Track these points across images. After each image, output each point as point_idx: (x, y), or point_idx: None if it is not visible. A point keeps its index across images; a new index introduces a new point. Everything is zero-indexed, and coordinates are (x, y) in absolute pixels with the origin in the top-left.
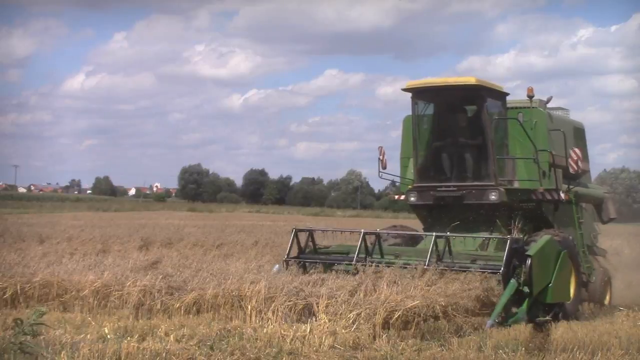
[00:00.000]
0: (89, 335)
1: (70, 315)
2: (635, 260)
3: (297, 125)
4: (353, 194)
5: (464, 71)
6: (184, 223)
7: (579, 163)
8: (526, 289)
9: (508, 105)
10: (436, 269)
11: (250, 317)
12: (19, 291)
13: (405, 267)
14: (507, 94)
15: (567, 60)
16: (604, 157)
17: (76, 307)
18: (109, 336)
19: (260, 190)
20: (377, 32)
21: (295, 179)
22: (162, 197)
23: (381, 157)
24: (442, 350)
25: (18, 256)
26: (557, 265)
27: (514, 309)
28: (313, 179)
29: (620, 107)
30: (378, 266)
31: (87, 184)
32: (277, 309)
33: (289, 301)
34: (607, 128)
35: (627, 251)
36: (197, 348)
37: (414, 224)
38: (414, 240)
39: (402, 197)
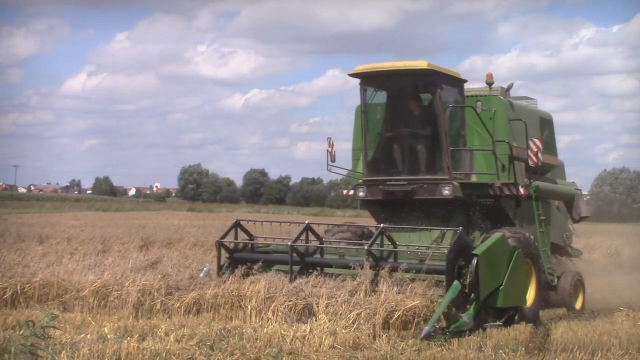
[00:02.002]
0: (89, 335)
1: (70, 315)
2: (616, 261)
3: (298, 125)
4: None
5: (465, 71)
6: (184, 223)
7: (539, 155)
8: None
9: (466, 93)
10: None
11: (250, 317)
12: (19, 291)
13: (339, 275)
14: (465, 81)
15: (568, 60)
16: (605, 157)
17: (76, 307)
18: (109, 336)
19: (260, 191)
20: (379, 32)
21: (295, 179)
22: (162, 197)
23: (330, 149)
24: (442, 350)
25: (18, 256)
26: (509, 266)
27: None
28: (313, 179)
29: (621, 107)
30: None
31: (87, 184)
32: (277, 309)
33: (289, 301)
34: (609, 128)
35: (627, 251)
36: (197, 348)
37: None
38: (368, 237)
39: (351, 192)
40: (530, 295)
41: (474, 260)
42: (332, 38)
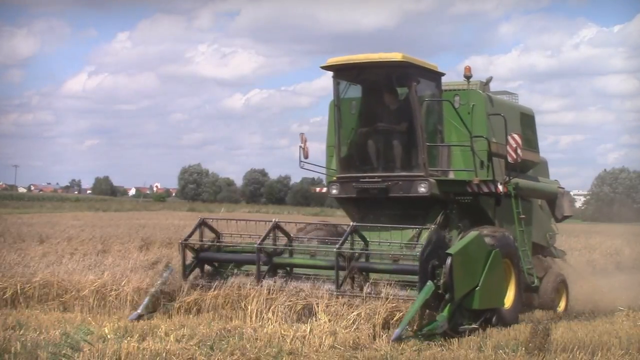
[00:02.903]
0: (89, 335)
1: (70, 315)
2: (594, 262)
3: (298, 125)
4: None
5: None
6: (184, 223)
7: (519, 151)
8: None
9: (444, 87)
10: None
11: (251, 317)
12: (19, 291)
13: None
14: (442, 74)
15: (569, 60)
16: (605, 157)
17: (76, 307)
18: (109, 336)
19: (260, 190)
20: (380, 32)
21: (295, 179)
22: (162, 197)
23: (303, 145)
24: (442, 350)
25: (18, 256)
26: (486, 267)
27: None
28: (313, 179)
29: (622, 107)
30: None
31: (87, 184)
32: (277, 309)
33: (289, 301)
34: (609, 128)
35: (627, 251)
36: (197, 348)
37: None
38: (342, 236)
39: (324, 190)
40: (510, 297)
41: (448, 260)
42: (333, 38)
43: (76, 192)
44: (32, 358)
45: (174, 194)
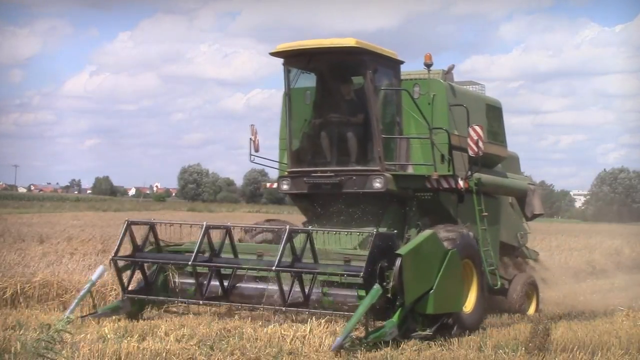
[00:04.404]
0: (89, 335)
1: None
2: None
3: None
4: None
5: (466, 71)
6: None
7: (480, 144)
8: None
9: (403, 77)
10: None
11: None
12: (19, 291)
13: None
14: (401, 62)
15: (570, 60)
16: (606, 157)
17: (76, 308)
18: (109, 336)
19: (260, 190)
20: (381, 32)
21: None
22: (162, 197)
23: (253, 137)
24: (442, 350)
25: (18, 256)
26: (441, 268)
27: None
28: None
29: (623, 107)
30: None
31: (87, 184)
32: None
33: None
34: (610, 128)
35: (627, 251)
36: (197, 348)
37: None
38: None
39: (275, 185)
40: (471, 301)
41: (398, 261)
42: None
43: (76, 192)
44: (32, 358)
45: (174, 194)
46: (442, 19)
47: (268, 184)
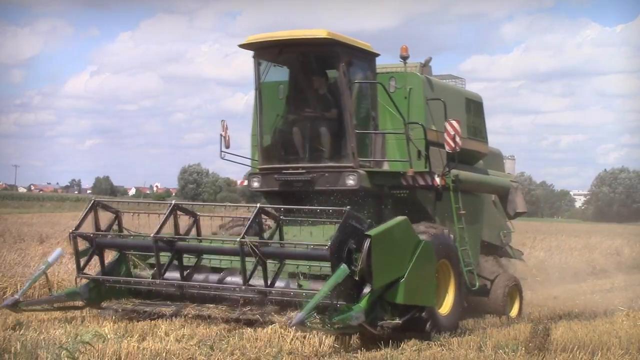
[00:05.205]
0: (95, 337)
1: (71, 315)
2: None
3: None
4: None
5: (467, 71)
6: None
7: (457, 139)
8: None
9: (379, 70)
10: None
11: None
12: (19, 291)
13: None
14: (376, 55)
15: (571, 60)
16: (606, 157)
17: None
18: (108, 336)
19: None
20: (382, 32)
21: None
22: (162, 197)
23: (224, 133)
24: (442, 350)
25: (18, 256)
26: (414, 257)
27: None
28: None
29: (623, 107)
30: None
31: (87, 184)
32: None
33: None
34: (610, 128)
35: (627, 251)
36: (197, 348)
37: None
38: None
39: (245, 182)
40: (448, 302)
41: (366, 242)
42: None
43: (76, 192)
44: (32, 358)
45: (174, 194)
46: (443, 19)
47: (239, 182)
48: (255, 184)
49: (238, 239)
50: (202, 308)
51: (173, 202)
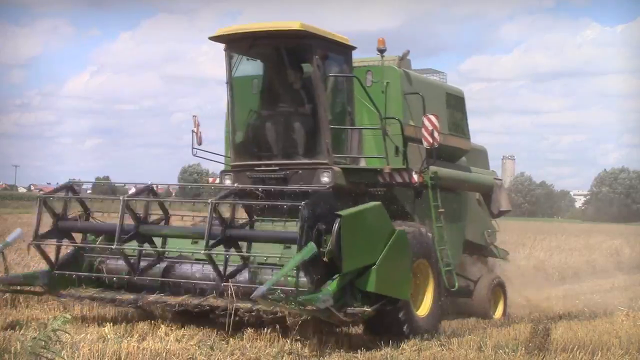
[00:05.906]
0: (89, 335)
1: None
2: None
3: None
4: None
5: (468, 71)
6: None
7: (435, 134)
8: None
9: (355, 63)
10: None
11: None
12: None
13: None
14: (353, 48)
15: (571, 60)
16: (606, 157)
17: (76, 307)
18: (109, 336)
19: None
20: (382, 32)
21: None
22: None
23: (195, 129)
24: (442, 350)
25: (18, 256)
26: (387, 245)
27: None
28: None
29: (623, 107)
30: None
31: (87, 184)
32: None
33: None
34: (610, 128)
35: (627, 251)
36: (197, 348)
37: None
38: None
39: (217, 180)
40: (427, 304)
41: (337, 223)
42: None
43: None
44: (32, 358)
45: (174, 194)
46: (443, 20)
47: (211, 179)
48: (227, 182)
49: (209, 200)
50: (161, 297)
51: (149, 182)
